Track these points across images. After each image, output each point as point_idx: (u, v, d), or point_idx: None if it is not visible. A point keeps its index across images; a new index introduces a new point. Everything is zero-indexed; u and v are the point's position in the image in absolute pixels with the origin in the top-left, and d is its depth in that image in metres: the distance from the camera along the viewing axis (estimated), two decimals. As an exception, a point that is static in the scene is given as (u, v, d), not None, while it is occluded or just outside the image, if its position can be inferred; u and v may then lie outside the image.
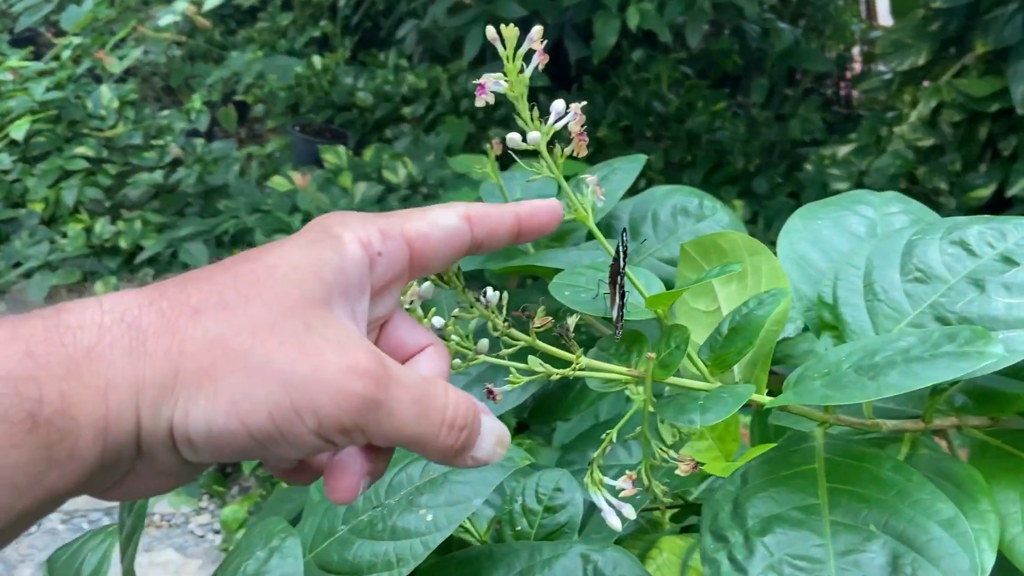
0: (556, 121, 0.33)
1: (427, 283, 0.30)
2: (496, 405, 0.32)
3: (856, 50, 3.07)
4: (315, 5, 3.62)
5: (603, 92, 3.09)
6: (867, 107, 2.77)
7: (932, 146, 2.13)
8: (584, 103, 0.33)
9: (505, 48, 0.32)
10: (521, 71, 0.32)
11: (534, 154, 0.34)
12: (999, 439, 0.35)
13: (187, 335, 0.23)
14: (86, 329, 0.22)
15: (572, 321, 0.32)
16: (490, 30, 0.32)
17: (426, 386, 0.25)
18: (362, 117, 3.17)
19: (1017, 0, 1.81)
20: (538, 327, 0.31)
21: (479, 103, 0.33)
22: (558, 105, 0.33)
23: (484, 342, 0.31)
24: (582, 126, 0.33)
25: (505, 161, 0.54)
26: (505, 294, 0.31)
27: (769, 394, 0.44)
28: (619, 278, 0.33)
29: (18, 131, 2.28)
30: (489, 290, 0.31)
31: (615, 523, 0.30)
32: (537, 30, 0.32)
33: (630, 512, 0.31)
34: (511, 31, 0.31)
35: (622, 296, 0.33)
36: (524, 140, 0.32)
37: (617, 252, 0.33)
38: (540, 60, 0.32)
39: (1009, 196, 1.86)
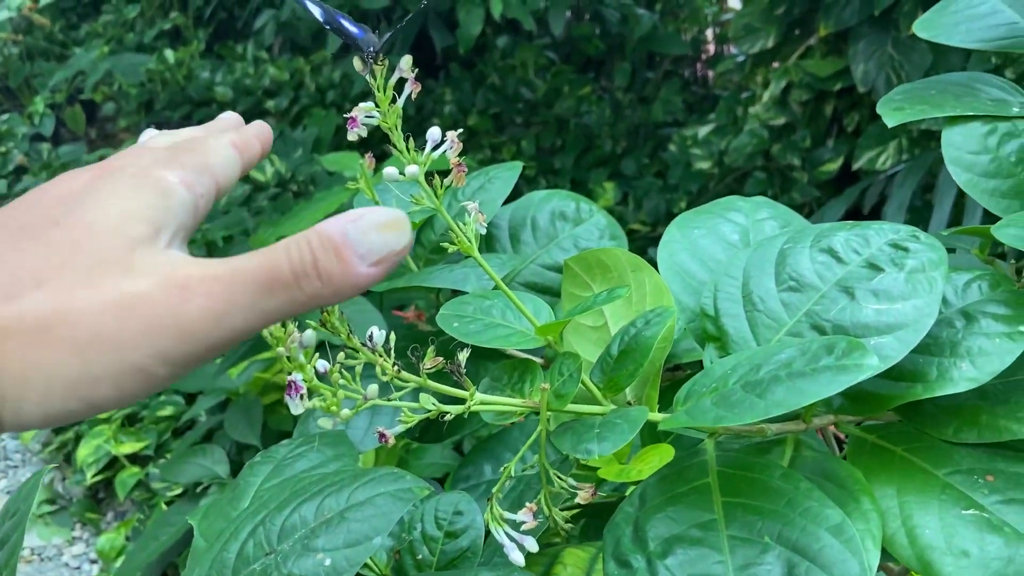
0: (433, 150, 0.32)
1: (309, 330, 0.29)
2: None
3: (710, 32, 3.19)
4: (163, -4, 3.44)
5: (471, 79, 3.08)
6: (723, 87, 2.88)
7: (784, 124, 2.25)
8: (460, 131, 0.32)
9: (375, 79, 0.30)
10: (393, 101, 0.31)
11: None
12: (874, 434, 0.37)
13: (6, 330, 0.21)
14: None
15: (463, 357, 0.31)
16: (357, 62, 0.30)
17: (264, 256, 0.23)
18: (222, 112, 3.04)
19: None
20: (429, 368, 0.30)
21: (351, 137, 0.32)
22: (434, 133, 0.32)
23: (373, 387, 0.30)
24: (459, 155, 0.32)
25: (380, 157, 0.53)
26: (392, 335, 0.30)
27: (663, 392, 0.44)
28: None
29: None
30: (375, 330, 0.30)
31: (518, 558, 0.30)
32: (407, 59, 0.31)
33: (532, 545, 0.31)
34: (381, 63, 0.30)
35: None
36: (402, 173, 0.31)
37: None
38: (413, 89, 0.31)
39: (855, 169, 1.98)
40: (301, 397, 0.30)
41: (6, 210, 0.24)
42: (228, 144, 0.28)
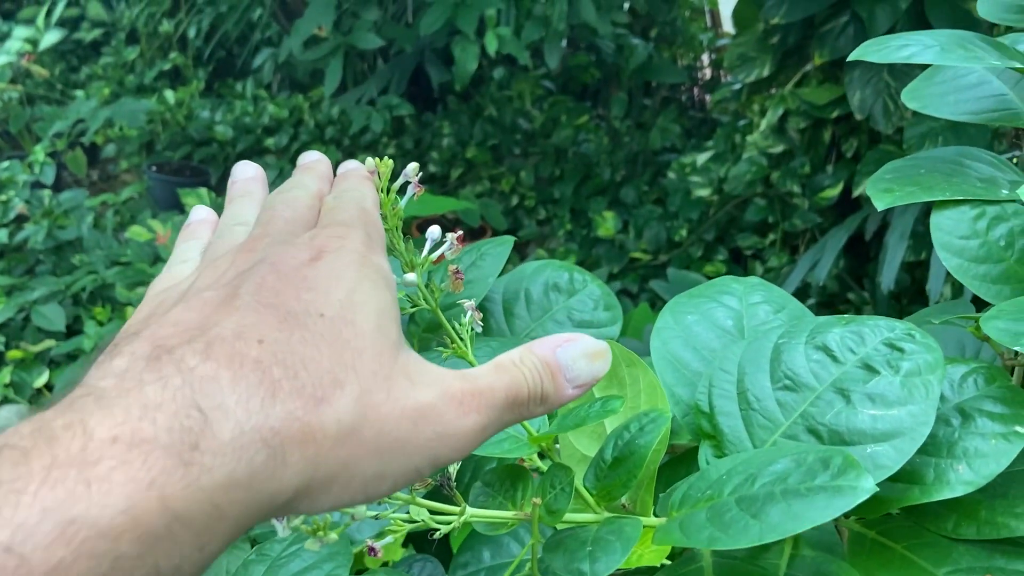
0: (432, 251, 0.32)
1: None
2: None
3: (706, 57, 3.21)
4: (163, 37, 3.47)
5: (468, 112, 3.10)
6: (721, 112, 2.89)
7: (782, 152, 2.25)
8: (460, 232, 0.32)
9: (380, 179, 0.30)
10: (395, 204, 0.31)
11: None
12: (874, 530, 0.36)
13: (321, 433, 0.22)
14: (225, 457, 0.20)
15: (453, 470, 0.31)
16: (370, 162, 0.30)
17: (511, 381, 0.26)
18: (223, 151, 3.06)
19: (848, 13, 1.93)
20: (418, 488, 0.30)
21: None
22: (434, 232, 0.32)
23: (361, 508, 0.30)
24: (457, 263, 0.32)
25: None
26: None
27: (661, 470, 0.43)
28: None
29: None
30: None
31: None
32: (413, 167, 0.31)
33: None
34: (386, 165, 0.30)
35: None
36: (400, 280, 0.31)
37: None
38: (416, 192, 0.31)
39: (856, 196, 1.98)
40: (288, 519, 0.29)
41: (250, 283, 0.24)
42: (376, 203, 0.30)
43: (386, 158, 0.30)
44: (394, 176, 0.31)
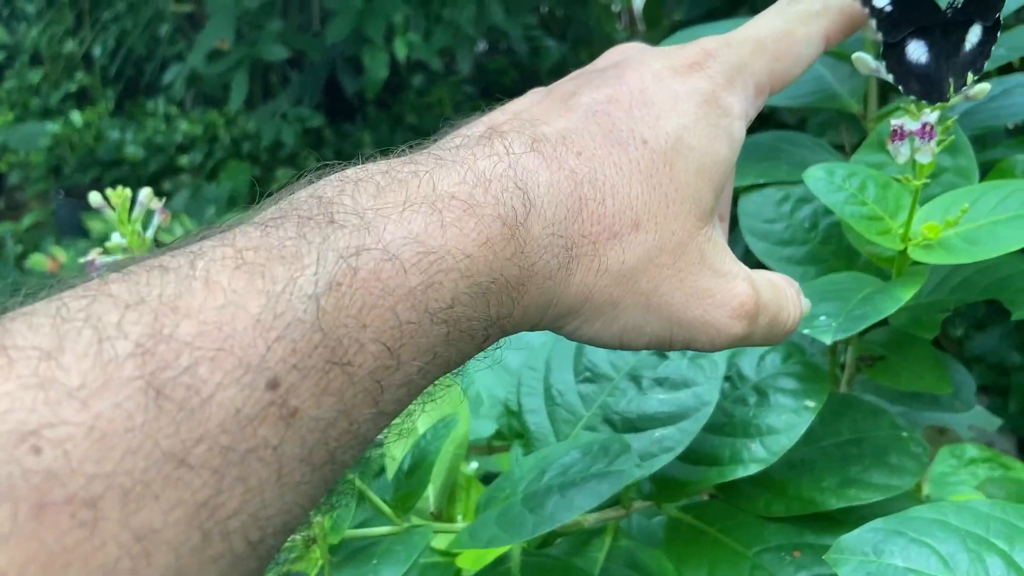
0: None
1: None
2: None
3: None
4: (68, 57, 3.37)
5: (389, 121, 3.07)
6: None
7: (695, 145, 2.28)
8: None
9: (115, 211, 0.29)
10: (140, 234, 0.30)
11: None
12: (691, 514, 0.36)
13: (603, 266, 0.22)
14: (532, 247, 0.21)
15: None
16: (95, 197, 0.29)
17: (777, 304, 0.25)
18: (135, 172, 2.98)
19: (747, 7, 1.96)
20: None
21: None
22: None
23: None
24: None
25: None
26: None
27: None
28: None
29: None
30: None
31: None
32: (146, 192, 0.30)
33: None
34: (120, 194, 0.29)
35: None
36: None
37: None
38: (162, 218, 0.30)
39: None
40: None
41: (595, 82, 0.24)
42: (817, 38, 0.27)
43: (119, 188, 0.29)
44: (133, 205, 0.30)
